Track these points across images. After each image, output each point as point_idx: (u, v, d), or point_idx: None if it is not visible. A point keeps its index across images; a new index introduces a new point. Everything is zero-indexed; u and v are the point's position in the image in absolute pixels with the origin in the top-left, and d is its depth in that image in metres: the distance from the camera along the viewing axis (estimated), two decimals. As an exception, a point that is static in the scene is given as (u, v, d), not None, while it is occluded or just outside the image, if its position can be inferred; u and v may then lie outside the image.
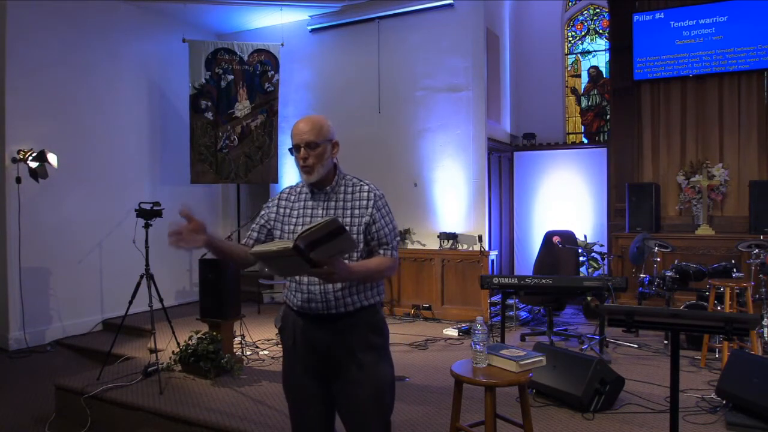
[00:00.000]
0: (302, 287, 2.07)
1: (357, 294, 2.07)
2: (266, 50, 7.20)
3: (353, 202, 2.10)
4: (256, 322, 6.08)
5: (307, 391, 2.11)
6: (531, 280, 4.64)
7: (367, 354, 2.06)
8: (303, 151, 2.05)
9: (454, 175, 6.64)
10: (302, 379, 2.12)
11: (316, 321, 2.07)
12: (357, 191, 2.11)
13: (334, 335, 2.06)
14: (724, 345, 4.22)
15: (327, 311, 2.04)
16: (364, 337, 2.07)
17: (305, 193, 2.16)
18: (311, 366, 2.10)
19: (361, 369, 2.04)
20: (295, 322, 2.13)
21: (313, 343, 2.08)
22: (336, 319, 2.05)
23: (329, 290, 2.03)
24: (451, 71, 6.65)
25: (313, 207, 2.11)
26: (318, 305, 2.05)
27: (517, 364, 2.42)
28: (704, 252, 6.04)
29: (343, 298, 2.04)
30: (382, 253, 2.09)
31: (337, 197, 2.11)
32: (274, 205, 2.21)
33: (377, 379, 2.07)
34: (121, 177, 6.71)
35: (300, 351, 2.11)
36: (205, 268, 4.59)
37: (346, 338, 2.05)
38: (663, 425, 3.10)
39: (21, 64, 5.75)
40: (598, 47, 8.04)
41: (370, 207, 2.08)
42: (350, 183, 2.14)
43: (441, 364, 4.58)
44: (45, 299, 5.95)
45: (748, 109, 6.40)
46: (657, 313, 2.53)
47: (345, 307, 2.05)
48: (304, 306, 2.08)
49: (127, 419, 3.79)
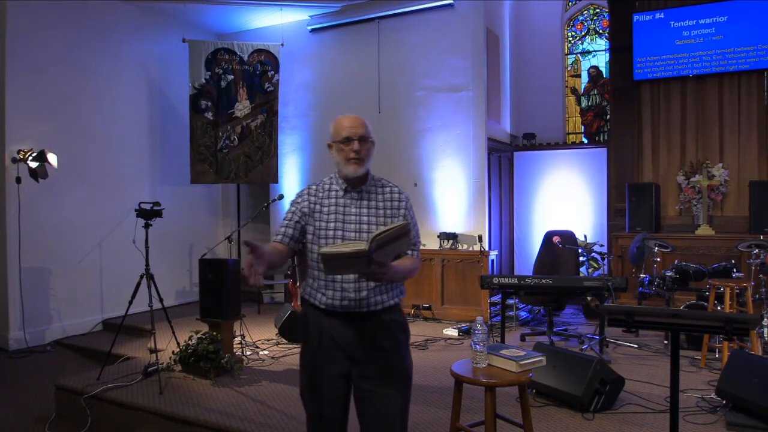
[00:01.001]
0: (335, 285, 2.08)
1: (386, 293, 2.12)
2: (266, 50, 7.20)
3: (385, 203, 2.17)
4: (256, 322, 6.08)
5: (331, 393, 2.11)
6: (531, 280, 4.64)
7: (394, 350, 2.12)
8: (357, 143, 2.10)
9: (454, 175, 6.64)
10: (327, 380, 2.11)
11: (345, 319, 2.09)
12: (388, 192, 2.20)
13: (363, 333, 2.09)
14: (724, 345, 4.22)
15: (358, 309, 2.08)
16: (392, 334, 2.13)
17: (335, 191, 2.17)
18: (337, 366, 2.10)
19: (389, 365, 2.09)
20: (321, 321, 2.12)
21: (340, 341, 2.09)
22: (366, 318, 2.09)
23: (363, 288, 2.07)
24: (451, 71, 6.65)
25: (345, 205, 2.14)
26: (351, 303, 2.07)
27: (517, 364, 2.42)
28: (704, 252, 6.04)
29: (374, 296, 2.09)
30: (410, 253, 2.15)
31: (369, 197, 2.16)
32: (305, 200, 2.19)
33: (403, 376, 2.14)
34: (121, 177, 6.71)
35: (326, 350, 2.10)
36: (205, 268, 4.58)
37: (374, 335, 2.09)
38: (663, 425, 3.10)
39: (21, 64, 5.75)
40: (598, 47, 8.04)
41: (402, 209, 2.18)
42: (379, 183, 2.22)
43: (441, 364, 4.58)
44: (45, 299, 5.96)
45: (748, 109, 6.40)
46: (657, 313, 2.53)
47: (374, 306, 2.09)
48: (335, 304, 2.08)
49: (127, 419, 3.79)
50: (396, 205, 2.17)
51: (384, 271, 1.88)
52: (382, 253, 1.83)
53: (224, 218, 8.29)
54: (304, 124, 7.70)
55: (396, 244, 1.87)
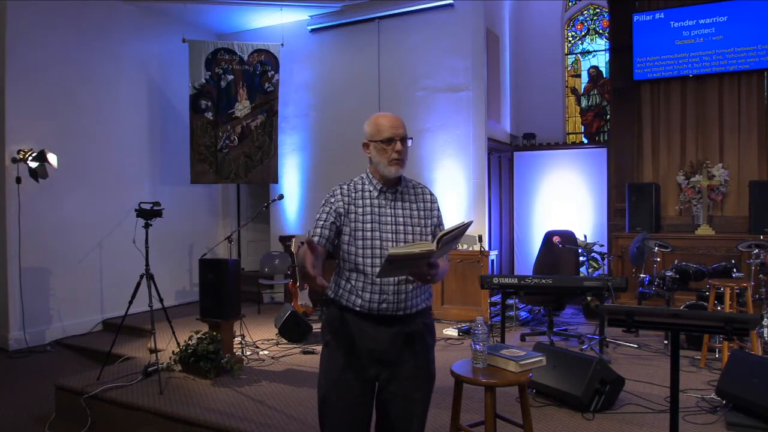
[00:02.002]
0: (374, 287, 2.03)
1: (420, 296, 2.11)
2: (266, 50, 7.20)
3: (418, 204, 2.15)
4: (256, 322, 6.08)
5: (355, 399, 2.06)
6: (531, 280, 4.64)
7: (424, 354, 2.12)
8: (399, 144, 2.06)
9: (454, 175, 6.64)
10: (354, 384, 2.05)
11: (382, 322, 2.05)
12: (420, 193, 2.18)
13: (397, 336, 2.07)
14: (724, 345, 4.22)
15: (396, 312, 2.05)
16: (423, 338, 2.13)
17: (369, 191, 2.11)
18: (367, 370, 2.06)
19: (417, 369, 2.09)
20: (353, 323, 2.06)
21: (374, 344, 2.05)
22: (401, 321, 2.07)
23: (402, 291, 2.04)
24: (451, 71, 6.65)
25: (380, 206, 2.09)
26: (389, 306, 2.04)
27: (517, 364, 2.42)
28: (704, 252, 6.04)
29: (412, 298, 2.08)
30: None
31: (403, 198, 2.14)
32: (339, 200, 2.09)
33: (429, 380, 2.15)
34: (121, 177, 6.71)
35: (358, 354, 2.05)
36: (205, 268, 4.58)
37: (408, 339, 2.08)
38: (663, 425, 3.10)
39: (21, 64, 5.75)
40: (598, 47, 8.05)
41: (435, 210, 2.18)
42: (410, 184, 2.19)
43: (441, 364, 4.51)
44: (45, 299, 5.95)
45: (748, 109, 6.40)
46: (657, 313, 2.53)
47: (410, 309, 2.08)
48: (372, 306, 2.03)
49: (127, 419, 3.79)
50: (429, 207, 2.17)
51: (435, 272, 1.89)
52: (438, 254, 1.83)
53: (224, 218, 8.29)
54: (304, 124, 7.70)
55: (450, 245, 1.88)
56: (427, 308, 2.17)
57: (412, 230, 2.09)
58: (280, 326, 5.30)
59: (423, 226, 2.11)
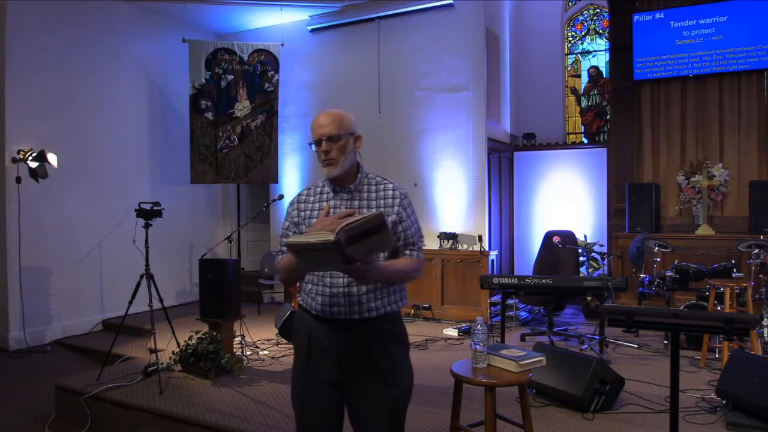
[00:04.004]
0: (325, 289, 1.97)
1: (382, 298, 1.98)
2: (266, 50, 7.20)
3: (378, 201, 2.02)
4: (256, 322, 6.08)
5: (318, 402, 2.00)
6: (531, 280, 4.64)
7: (387, 364, 1.96)
8: (324, 144, 1.99)
9: (454, 175, 6.64)
10: (315, 388, 2.00)
11: (336, 326, 1.97)
12: (381, 189, 2.04)
13: (353, 343, 1.96)
14: (724, 345, 4.22)
15: (349, 316, 1.95)
16: (384, 346, 1.97)
17: (326, 193, 2.07)
18: (327, 375, 1.98)
19: (380, 380, 1.95)
20: (311, 327, 2.02)
21: (330, 350, 1.97)
22: (357, 325, 1.96)
23: (354, 293, 1.94)
24: (451, 71, 6.65)
25: (335, 206, 2.01)
26: (341, 309, 1.95)
27: (517, 364, 2.42)
28: (704, 252, 6.04)
29: (367, 302, 1.95)
30: (408, 253, 2.02)
31: (360, 196, 2.03)
32: (295, 208, 2.11)
33: (394, 392, 1.97)
34: (121, 177, 6.71)
35: (315, 359, 1.99)
36: (205, 268, 4.58)
37: (366, 346, 1.95)
38: (663, 425, 3.10)
39: (21, 64, 5.75)
40: (598, 47, 8.04)
41: (396, 206, 2.01)
42: (374, 181, 2.07)
43: (441, 364, 4.58)
44: (45, 299, 5.96)
45: (748, 109, 6.40)
46: (657, 313, 2.53)
47: (369, 312, 1.95)
48: (324, 310, 1.97)
49: (127, 419, 3.79)
50: (390, 203, 2.00)
51: (366, 269, 1.74)
52: (359, 249, 1.67)
53: (224, 218, 8.29)
54: (304, 124, 7.70)
55: (374, 239, 1.67)
56: (393, 313, 2.01)
57: None
58: (280, 326, 5.29)
59: None
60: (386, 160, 6.91)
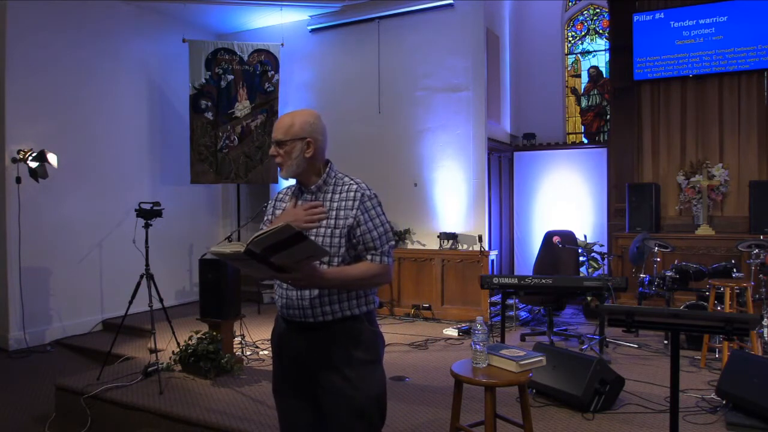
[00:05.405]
0: (283, 291, 2.00)
1: (337, 303, 1.93)
2: (266, 50, 7.19)
3: (339, 203, 1.96)
4: (256, 322, 6.08)
5: (291, 400, 2.04)
6: (531, 280, 4.64)
7: (348, 370, 1.91)
8: (273, 147, 2.05)
9: (454, 175, 6.64)
10: (286, 387, 2.05)
11: (296, 328, 2.00)
12: (345, 191, 1.98)
13: (310, 346, 1.96)
14: (724, 345, 4.22)
15: (304, 319, 1.95)
16: (344, 352, 1.93)
17: (296, 194, 2.11)
18: (293, 375, 2.02)
19: (341, 386, 1.91)
20: (279, 327, 2.09)
21: (291, 351, 2.01)
22: (314, 329, 1.95)
23: (304, 296, 1.93)
24: (451, 71, 6.65)
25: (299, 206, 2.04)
26: (296, 312, 1.96)
27: (517, 364, 2.42)
28: (704, 252, 6.04)
29: (320, 306, 1.92)
30: (369, 258, 1.95)
31: (324, 197, 2.00)
32: (271, 206, 2.18)
33: (359, 399, 1.91)
34: (121, 177, 6.71)
35: (283, 359, 2.06)
36: (205, 268, 4.58)
37: (323, 351, 1.94)
38: (663, 425, 3.10)
39: (21, 64, 5.74)
40: (598, 47, 8.04)
41: (354, 208, 1.94)
42: (340, 182, 2.02)
43: (441, 364, 4.58)
44: (45, 299, 5.95)
45: (748, 109, 6.40)
46: (657, 313, 2.53)
47: (323, 316, 1.93)
48: (284, 312, 2.02)
49: (127, 419, 3.79)
50: (350, 205, 1.94)
51: (296, 276, 1.77)
52: (286, 257, 1.67)
53: (224, 218, 8.29)
54: (304, 124, 7.69)
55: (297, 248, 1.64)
56: (354, 317, 1.96)
57: (317, 231, 1.93)
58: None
59: (333, 227, 1.93)
60: (386, 160, 6.92)
